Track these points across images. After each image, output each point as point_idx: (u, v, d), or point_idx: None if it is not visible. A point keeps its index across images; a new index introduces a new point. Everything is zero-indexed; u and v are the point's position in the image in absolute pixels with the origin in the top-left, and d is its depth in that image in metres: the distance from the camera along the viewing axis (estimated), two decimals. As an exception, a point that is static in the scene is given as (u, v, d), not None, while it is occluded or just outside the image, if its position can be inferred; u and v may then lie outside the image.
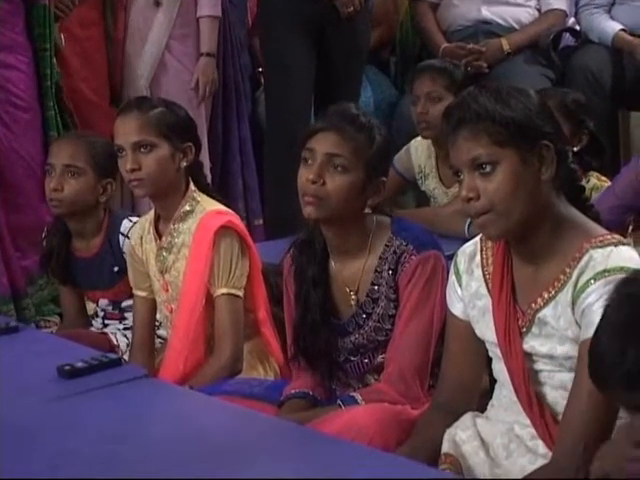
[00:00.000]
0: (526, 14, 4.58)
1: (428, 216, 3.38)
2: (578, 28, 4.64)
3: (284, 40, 4.08)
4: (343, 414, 2.18)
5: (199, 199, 2.70)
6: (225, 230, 2.64)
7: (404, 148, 3.80)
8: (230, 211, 2.75)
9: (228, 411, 1.97)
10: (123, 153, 2.64)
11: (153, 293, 2.78)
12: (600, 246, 1.85)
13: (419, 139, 3.75)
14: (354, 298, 2.37)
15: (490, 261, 2.02)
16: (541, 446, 1.92)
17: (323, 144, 2.27)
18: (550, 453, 1.89)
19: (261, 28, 4.38)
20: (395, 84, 4.96)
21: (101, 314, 3.16)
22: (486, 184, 1.87)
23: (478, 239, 2.07)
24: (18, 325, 2.46)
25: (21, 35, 3.75)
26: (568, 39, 4.64)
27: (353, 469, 1.57)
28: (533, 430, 1.94)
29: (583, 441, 1.70)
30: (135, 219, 3.02)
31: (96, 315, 3.18)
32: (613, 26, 4.46)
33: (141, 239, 2.79)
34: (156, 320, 2.84)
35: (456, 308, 2.10)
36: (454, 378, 2.09)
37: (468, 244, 2.10)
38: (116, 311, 3.13)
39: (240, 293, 2.65)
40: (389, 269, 2.31)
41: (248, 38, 4.91)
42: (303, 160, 2.30)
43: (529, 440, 1.94)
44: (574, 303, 1.85)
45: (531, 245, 1.93)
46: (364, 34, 4.27)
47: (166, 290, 2.73)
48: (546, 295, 1.91)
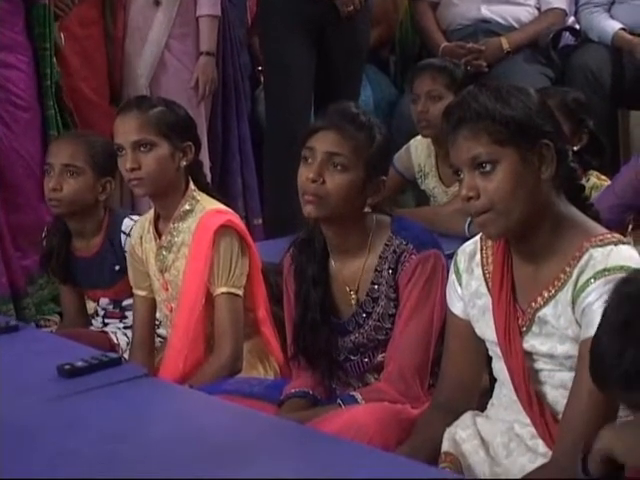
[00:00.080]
0: (526, 13, 4.58)
1: (428, 215, 3.38)
2: (578, 27, 4.63)
3: (284, 39, 4.08)
4: (343, 413, 2.18)
5: (199, 198, 2.70)
6: (225, 229, 2.64)
7: (404, 147, 3.80)
8: (230, 210, 2.75)
9: (228, 410, 1.97)
10: (123, 152, 2.64)
11: (153, 292, 2.78)
12: (600, 245, 1.85)
13: (419, 138, 3.75)
14: (354, 297, 2.36)
15: (490, 260, 2.02)
16: (541, 445, 1.92)
17: (323, 143, 2.27)
18: (550, 452, 1.89)
19: (261, 27, 4.37)
20: (395, 83, 4.95)
21: (101, 313, 3.16)
22: (486, 183, 1.87)
23: (478, 238, 2.06)
24: (18, 324, 2.46)
25: (21, 34, 3.75)
26: (568, 38, 4.63)
27: (353, 468, 1.57)
28: (533, 429, 1.94)
29: (583, 440, 1.69)
30: (137, 218, 3.02)
31: (96, 314, 3.18)
32: (613, 25, 4.45)
33: (141, 238, 2.78)
34: (156, 319, 2.84)
35: (456, 307, 2.09)
36: (454, 377, 2.09)
37: (468, 243, 2.10)
38: (117, 310, 3.13)
39: (240, 292, 2.65)
40: (389, 268, 2.30)
41: (248, 37, 4.91)
42: (303, 159, 2.30)
43: (529, 439, 1.94)
44: (574, 302, 1.85)
45: (531, 244, 1.93)
46: (364, 33, 4.26)
47: (166, 289, 2.73)
48: (546, 294, 1.90)
